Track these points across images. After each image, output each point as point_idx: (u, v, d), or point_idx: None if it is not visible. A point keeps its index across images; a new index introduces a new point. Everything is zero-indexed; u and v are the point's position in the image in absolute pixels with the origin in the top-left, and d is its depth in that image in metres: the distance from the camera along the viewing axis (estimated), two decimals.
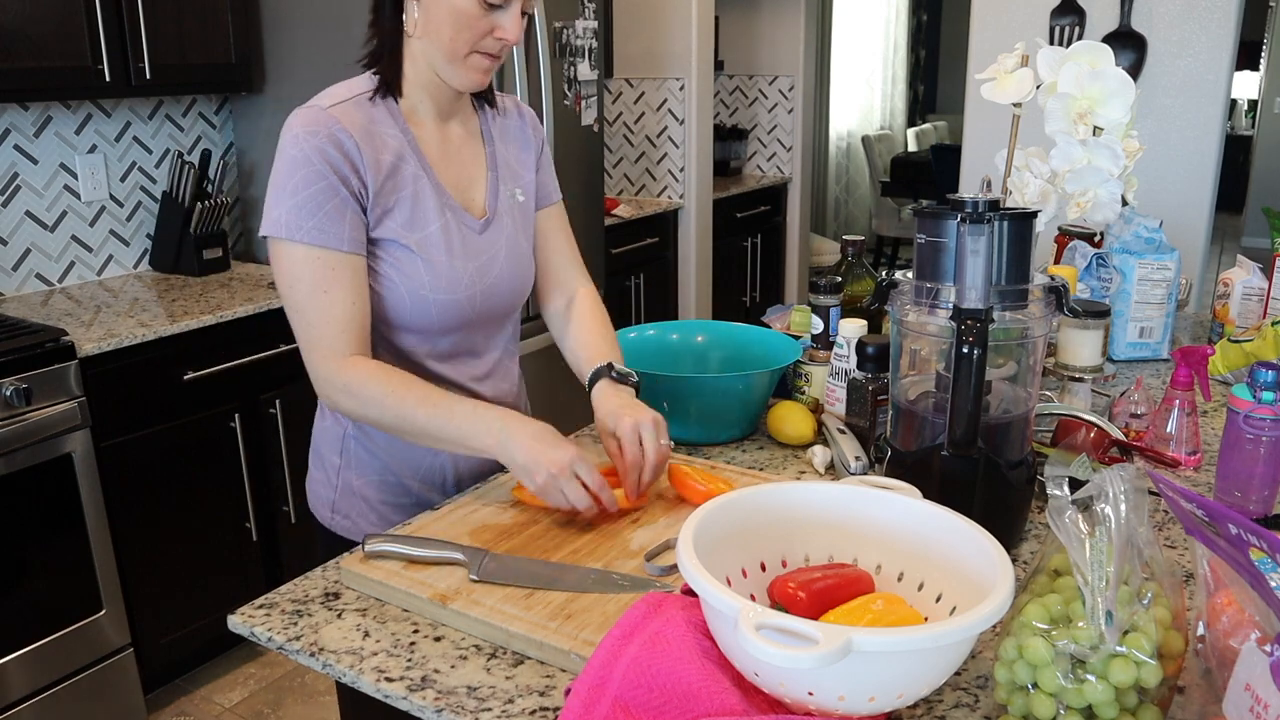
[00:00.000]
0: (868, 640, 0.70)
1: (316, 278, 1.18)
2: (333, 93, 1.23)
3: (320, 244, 1.17)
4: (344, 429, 1.34)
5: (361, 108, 1.22)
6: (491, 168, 1.35)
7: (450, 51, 1.19)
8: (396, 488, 1.35)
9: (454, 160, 1.31)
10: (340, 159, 1.18)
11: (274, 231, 1.18)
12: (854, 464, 1.29)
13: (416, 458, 1.34)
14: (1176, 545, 1.15)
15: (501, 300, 1.34)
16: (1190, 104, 2.88)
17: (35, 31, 2.21)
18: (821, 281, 1.51)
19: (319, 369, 1.20)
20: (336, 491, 1.36)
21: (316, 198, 1.17)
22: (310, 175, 1.17)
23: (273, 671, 2.61)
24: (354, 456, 1.34)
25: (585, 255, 1.56)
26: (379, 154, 1.21)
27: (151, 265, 2.86)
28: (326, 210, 1.17)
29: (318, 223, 1.17)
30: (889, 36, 7.46)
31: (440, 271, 1.25)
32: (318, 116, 1.18)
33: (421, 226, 1.25)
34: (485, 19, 1.18)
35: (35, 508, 2.07)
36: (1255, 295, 1.84)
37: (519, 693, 0.89)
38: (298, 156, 1.17)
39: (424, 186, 1.26)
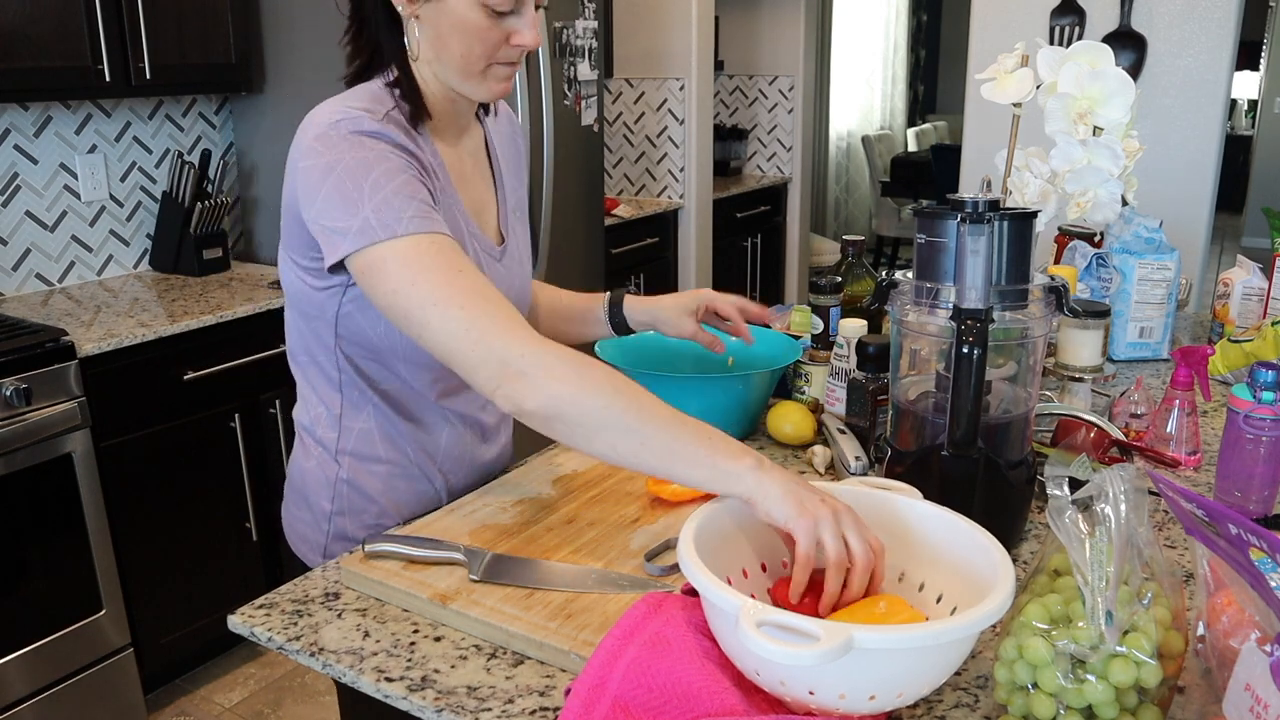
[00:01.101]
0: (869, 638, 0.70)
1: (443, 261, 1.00)
2: (360, 101, 1.08)
3: (428, 230, 1.01)
4: (336, 473, 1.24)
5: (396, 125, 1.09)
6: (500, 187, 1.27)
7: (464, 68, 1.09)
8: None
9: (470, 184, 1.22)
10: (412, 154, 1.07)
11: (365, 240, 1.00)
12: (854, 464, 1.29)
13: (413, 501, 1.27)
14: (1176, 545, 1.15)
15: None
16: (1190, 104, 2.88)
17: (35, 31, 2.21)
18: (821, 281, 1.51)
19: (503, 344, 0.96)
20: (328, 537, 1.28)
21: (404, 189, 1.02)
22: (389, 169, 1.03)
23: (273, 671, 2.61)
24: (348, 502, 1.25)
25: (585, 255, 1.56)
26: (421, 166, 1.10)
27: (151, 265, 2.86)
28: (420, 199, 1.03)
29: (415, 210, 1.01)
30: (889, 36, 7.46)
31: None
32: (366, 121, 1.05)
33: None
34: (497, 28, 1.07)
35: (35, 508, 2.07)
36: (1255, 295, 1.84)
37: (519, 693, 0.89)
38: (367, 157, 1.02)
39: (455, 212, 1.15)
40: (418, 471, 1.27)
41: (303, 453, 1.29)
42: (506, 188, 1.29)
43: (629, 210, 3.95)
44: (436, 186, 1.12)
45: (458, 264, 1.01)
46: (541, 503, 1.22)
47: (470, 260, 1.04)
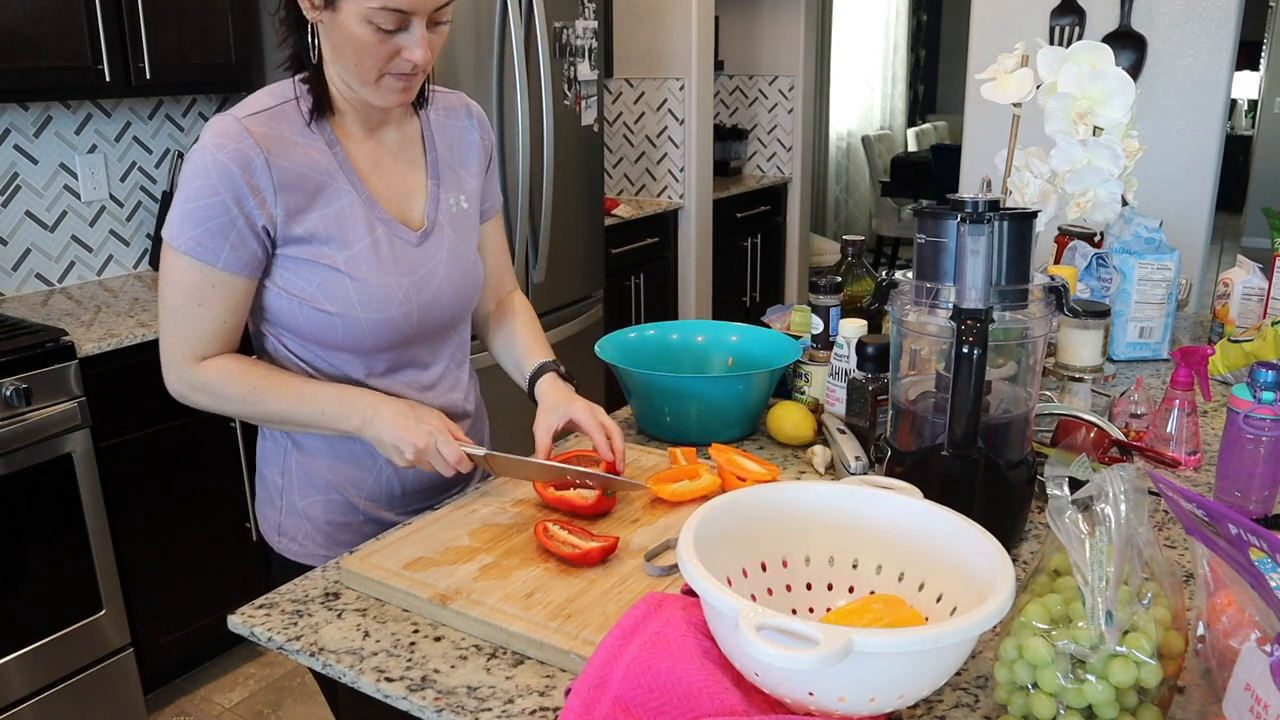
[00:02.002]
0: (869, 641, 0.70)
1: (192, 289, 1.16)
2: (255, 100, 1.19)
3: (198, 257, 1.14)
4: (284, 448, 1.30)
5: (283, 119, 1.17)
6: (433, 175, 1.30)
7: (359, 76, 1.15)
8: (343, 506, 1.30)
9: (387, 171, 1.25)
10: (240, 177, 1.12)
11: (165, 233, 1.16)
12: (854, 464, 1.29)
13: (361, 474, 1.30)
14: (1176, 545, 1.15)
15: (443, 313, 1.29)
16: (1190, 104, 2.88)
17: (35, 31, 2.21)
18: (821, 281, 1.51)
19: (177, 367, 1.19)
20: (281, 513, 1.32)
21: (203, 212, 1.12)
22: (203, 188, 1.12)
23: (273, 671, 2.61)
24: (295, 476, 1.30)
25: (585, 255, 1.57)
26: (295, 169, 1.16)
27: (151, 265, 2.86)
28: (209, 227, 1.13)
29: (199, 236, 1.13)
30: (889, 36, 7.46)
31: (371, 291, 1.20)
32: (229, 128, 1.13)
33: (349, 244, 1.19)
34: (386, 43, 1.12)
35: (35, 508, 2.07)
36: (1255, 295, 1.84)
37: (519, 693, 0.89)
38: (199, 166, 1.13)
39: (352, 202, 1.20)
40: (360, 449, 1.29)
41: (259, 433, 1.35)
42: (444, 181, 1.31)
43: (629, 210, 3.95)
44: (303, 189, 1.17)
45: (200, 297, 1.17)
46: (541, 503, 1.22)
47: (222, 298, 1.17)
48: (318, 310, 1.19)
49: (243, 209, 1.14)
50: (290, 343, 1.25)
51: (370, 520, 1.32)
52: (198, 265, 1.15)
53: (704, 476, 1.23)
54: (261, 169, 1.13)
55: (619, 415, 1.57)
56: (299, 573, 1.16)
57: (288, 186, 1.16)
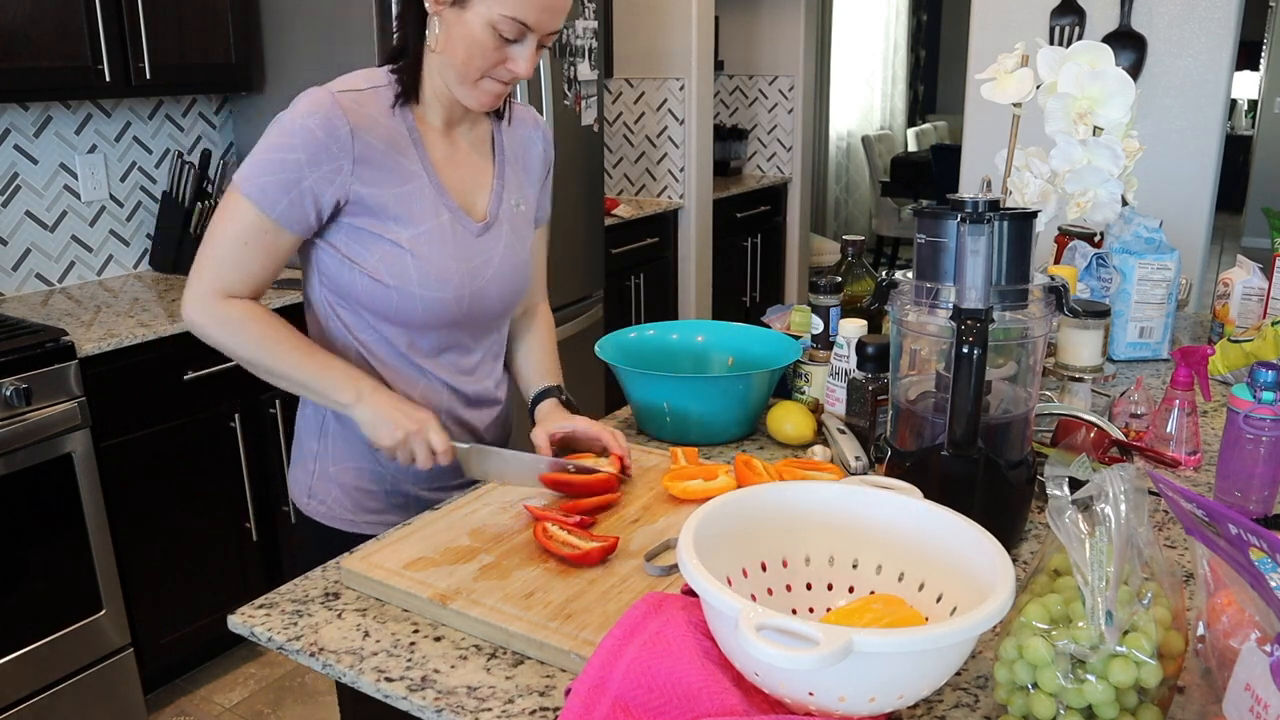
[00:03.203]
0: (869, 641, 0.70)
1: (244, 229, 1.21)
2: (350, 79, 1.25)
3: (257, 202, 1.20)
4: (323, 415, 1.36)
5: (372, 100, 1.24)
6: (498, 176, 1.37)
7: (462, 74, 1.21)
8: (373, 475, 1.37)
9: (460, 165, 1.33)
10: (325, 143, 1.19)
11: (235, 176, 1.22)
12: (854, 464, 1.29)
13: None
14: (1176, 545, 1.15)
15: (491, 304, 1.35)
16: (1190, 104, 2.88)
17: (35, 31, 2.21)
18: (821, 281, 1.51)
19: (204, 298, 1.22)
20: (313, 477, 1.38)
21: (275, 165, 1.19)
22: (285, 145, 1.19)
23: (273, 671, 2.61)
24: (332, 442, 1.36)
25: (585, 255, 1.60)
26: (377, 146, 1.23)
27: (151, 265, 2.86)
28: (278, 179, 1.19)
29: (265, 184, 1.19)
30: (889, 36, 7.46)
31: (430, 269, 1.26)
32: (322, 98, 1.20)
33: (416, 224, 1.26)
34: (499, 50, 1.19)
35: (35, 508, 2.07)
36: (1255, 295, 1.84)
37: (519, 693, 0.89)
38: (286, 127, 1.20)
39: (423, 185, 1.27)
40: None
41: (301, 400, 1.39)
42: (508, 182, 1.38)
43: (629, 210, 3.95)
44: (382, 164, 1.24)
45: (248, 238, 1.21)
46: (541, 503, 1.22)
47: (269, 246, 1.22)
48: (376, 282, 1.25)
49: (314, 174, 1.20)
50: (342, 309, 1.30)
51: (395, 491, 1.38)
52: (254, 209, 1.20)
53: (720, 477, 1.23)
54: (345, 140, 1.20)
55: (619, 415, 1.57)
56: (323, 534, 1.30)
57: (366, 160, 1.22)
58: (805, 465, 1.28)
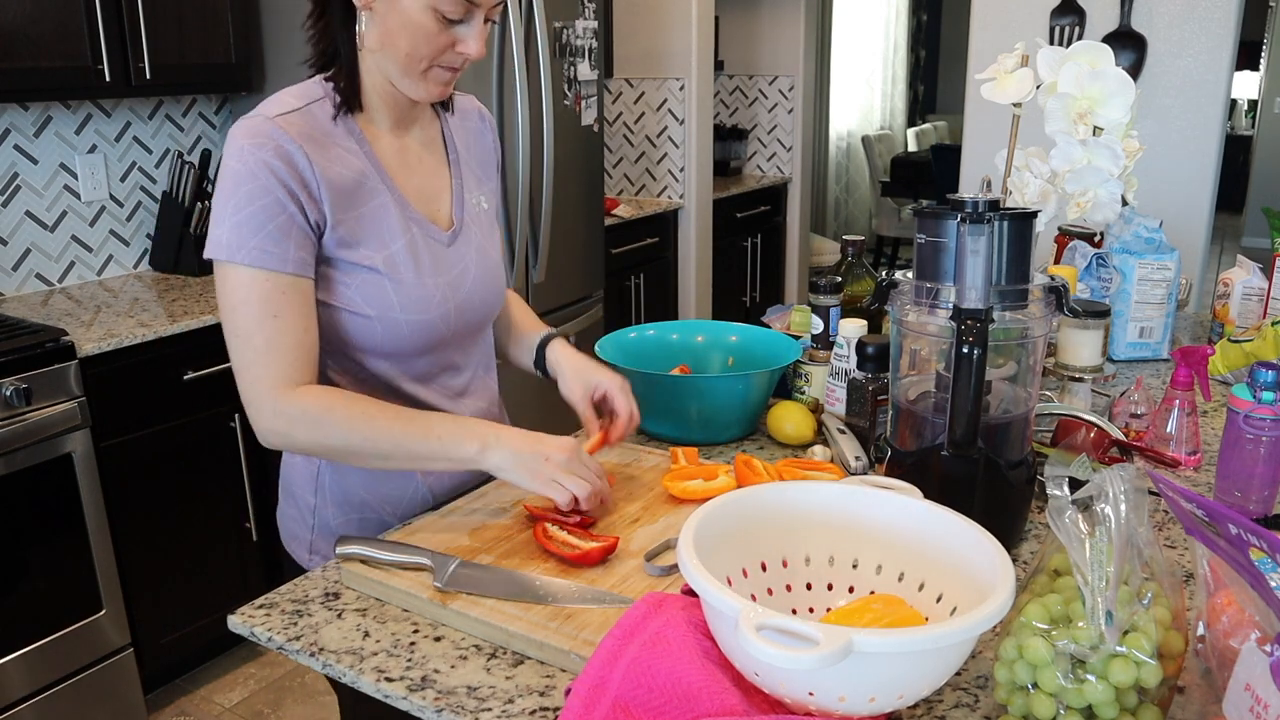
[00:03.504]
0: (869, 641, 0.70)
1: (264, 301, 1.09)
2: (281, 100, 1.14)
3: (263, 266, 1.08)
4: (317, 466, 1.26)
5: (312, 118, 1.14)
6: (456, 176, 1.29)
7: (406, 66, 1.12)
8: (376, 525, 1.28)
9: (415, 170, 1.23)
10: (288, 173, 1.09)
11: (215, 253, 1.09)
12: (854, 464, 1.29)
13: (395, 492, 1.27)
14: (1176, 545, 1.15)
15: (475, 314, 1.28)
16: (1190, 104, 2.88)
17: (35, 31, 2.21)
18: (821, 281, 1.51)
19: (267, 399, 1.10)
20: (313, 532, 1.29)
21: (259, 215, 1.08)
22: (254, 190, 1.07)
23: (273, 671, 2.61)
24: (329, 495, 1.27)
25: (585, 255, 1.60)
26: (334, 166, 1.13)
27: (151, 265, 2.86)
28: (269, 230, 1.08)
29: (260, 242, 1.08)
30: (889, 36, 7.46)
31: (409, 292, 1.18)
32: (262, 127, 1.09)
33: (386, 244, 1.17)
34: (445, 33, 1.10)
35: (35, 508, 2.07)
36: (1255, 295, 1.84)
37: (519, 693, 0.89)
38: (240, 171, 1.08)
39: (385, 201, 1.18)
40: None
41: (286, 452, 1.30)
42: (466, 180, 1.30)
43: (629, 210, 3.95)
44: (342, 187, 1.14)
45: (274, 308, 1.10)
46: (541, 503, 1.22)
47: (296, 304, 1.11)
48: (355, 315, 1.16)
49: (298, 205, 1.10)
50: (324, 350, 1.19)
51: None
52: (265, 275, 1.09)
53: (720, 477, 1.23)
54: (305, 166, 1.10)
55: None
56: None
57: (329, 185, 1.12)
58: (805, 465, 1.28)
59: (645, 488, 1.26)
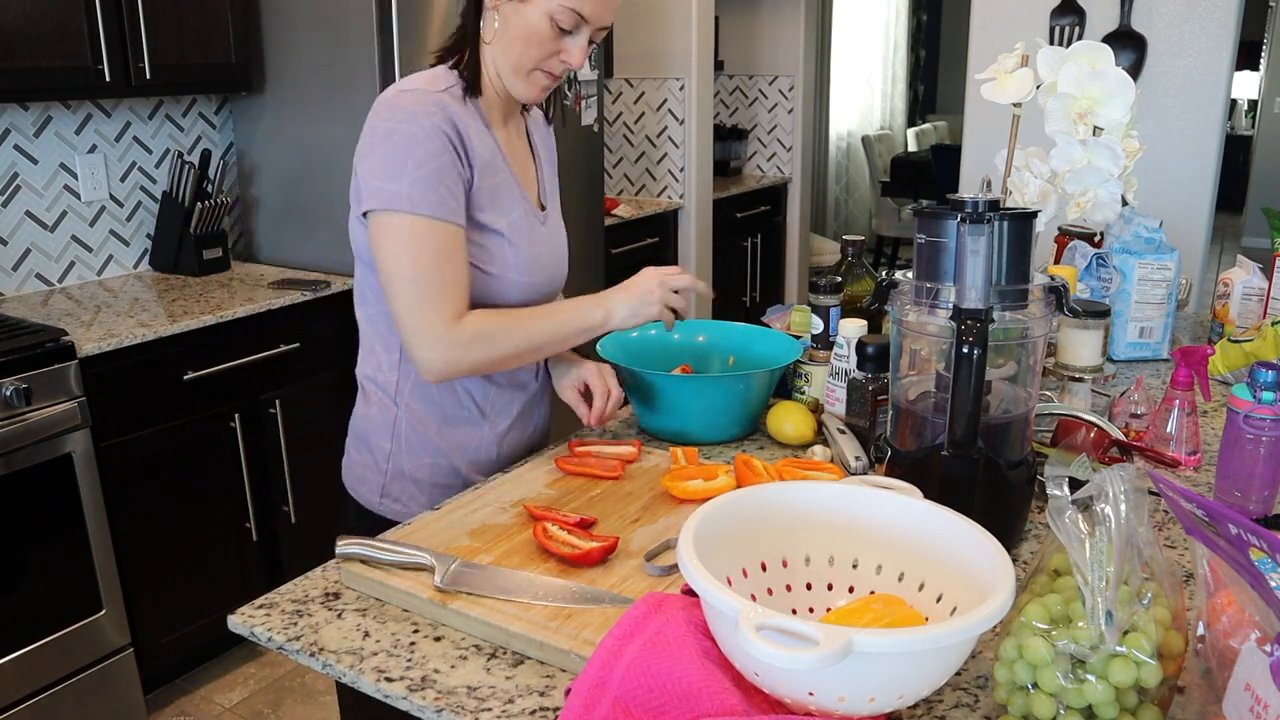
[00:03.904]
0: (869, 641, 0.70)
1: (439, 248, 1.22)
2: (429, 78, 1.27)
3: (443, 218, 1.22)
4: (396, 413, 1.37)
5: (456, 97, 1.27)
6: (539, 167, 1.45)
7: (516, 65, 1.26)
8: (447, 470, 1.39)
9: (515, 157, 1.38)
10: (456, 138, 1.23)
11: (395, 204, 1.21)
12: (854, 464, 1.29)
13: (466, 439, 1.39)
14: (1176, 545, 1.15)
15: (554, 286, 1.42)
16: (1190, 104, 2.88)
17: (35, 31, 2.21)
18: (821, 281, 1.51)
19: (443, 331, 1.23)
20: (387, 476, 1.39)
21: (439, 173, 1.21)
22: (433, 150, 1.21)
23: (273, 671, 2.61)
24: (406, 441, 1.38)
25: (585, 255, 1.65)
26: (476, 140, 1.27)
27: (151, 265, 2.86)
28: (448, 185, 1.22)
29: (440, 197, 1.21)
30: (889, 36, 7.46)
31: (524, 256, 1.33)
32: (431, 98, 1.23)
33: (508, 212, 1.32)
34: (555, 41, 1.24)
35: (35, 508, 2.07)
36: (1255, 295, 1.84)
37: (519, 693, 0.89)
38: (417, 133, 1.20)
39: (507, 176, 1.33)
40: (469, 414, 1.39)
41: (364, 401, 1.42)
42: (546, 175, 1.47)
43: (629, 210, 3.95)
44: (481, 158, 1.28)
45: (447, 254, 1.23)
46: (541, 503, 1.22)
47: (462, 253, 1.25)
48: (479, 270, 1.29)
49: (462, 168, 1.25)
50: None
51: (469, 484, 1.40)
52: (442, 225, 1.22)
53: (720, 477, 1.23)
54: (466, 134, 1.25)
55: (620, 415, 1.57)
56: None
57: (476, 155, 1.27)
58: (805, 465, 1.28)
59: (645, 488, 1.26)
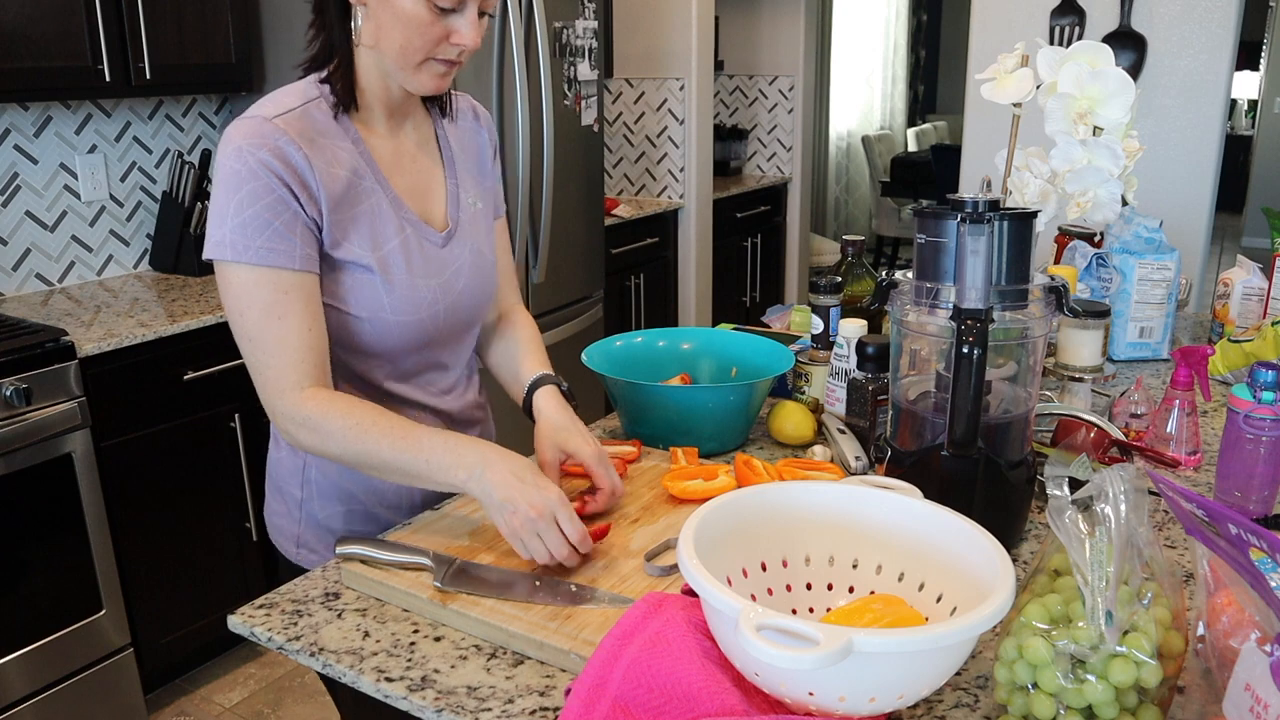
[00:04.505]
0: (869, 641, 0.70)
1: (268, 302, 1.09)
2: (277, 100, 1.14)
3: (270, 264, 1.08)
4: (303, 460, 1.27)
5: (309, 117, 1.14)
6: (450, 175, 1.29)
7: (402, 60, 1.12)
8: (363, 517, 1.28)
9: (409, 170, 1.23)
10: (287, 172, 1.09)
11: (218, 254, 1.09)
12: (854, 464, 1.29)
13: (380, 484, 1.26)
14: (1176, 545, 1.15)
15: (466, 314, 1.28)
16: (1190, 104, 2.88)
17: (35, 31, 2.21)
18: (821, 281, 1.51)
19: (275, 403, 1.12)
20: (300, 525, 1.29)
21: (264, 214, 1.08)
22: (256, 190, 1.08)
23: (273, 671, 2.61)
24: (316, 488, 1.27)
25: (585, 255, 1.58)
26: (331, 167, 1.13)
27: (151, 265, 2.86)
28: (275, 227, 1.08)
29: (266, 240, 1.08)
30: (889, 36, 7.46)
31: (400, 292, 1.18)
32: (260, 127, 1.09)
33: (381, 244, 1.17)
34: (438, 24, 1.10)
35: (35, 508, 2.07)
36: (1255, 295, 1.84)
37: (519, 693, 0.89)
38: (241, 171, 1.08)
39: (380, 201, 1.18)
40: None
41: (274, 444, 1.30)
42: (462, 181, 1.30)
43: (629, 210, 3.95)
44: (336, 189, 1.14)
45: (281, 308, 1.10)
46: None
47: (302, 303, 1.11)
48: (346, 314, 1.16)
49: (299, 203, 1.10)
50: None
51: (388, 525, 1.30)
52: (269, 274, 1.09)
53: (720, 477, 1.23)
54: (304, 166, 1.10)
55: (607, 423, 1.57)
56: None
57: (326, 184, 1.13)
58: (805, 465, 1.28)
59: (645, 487, 1.26)
